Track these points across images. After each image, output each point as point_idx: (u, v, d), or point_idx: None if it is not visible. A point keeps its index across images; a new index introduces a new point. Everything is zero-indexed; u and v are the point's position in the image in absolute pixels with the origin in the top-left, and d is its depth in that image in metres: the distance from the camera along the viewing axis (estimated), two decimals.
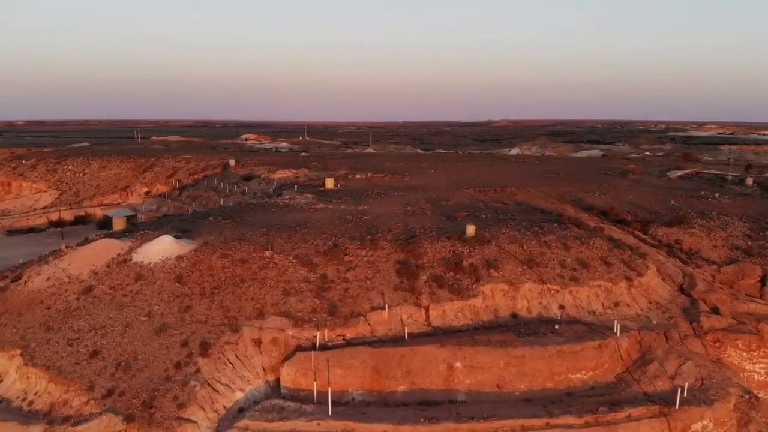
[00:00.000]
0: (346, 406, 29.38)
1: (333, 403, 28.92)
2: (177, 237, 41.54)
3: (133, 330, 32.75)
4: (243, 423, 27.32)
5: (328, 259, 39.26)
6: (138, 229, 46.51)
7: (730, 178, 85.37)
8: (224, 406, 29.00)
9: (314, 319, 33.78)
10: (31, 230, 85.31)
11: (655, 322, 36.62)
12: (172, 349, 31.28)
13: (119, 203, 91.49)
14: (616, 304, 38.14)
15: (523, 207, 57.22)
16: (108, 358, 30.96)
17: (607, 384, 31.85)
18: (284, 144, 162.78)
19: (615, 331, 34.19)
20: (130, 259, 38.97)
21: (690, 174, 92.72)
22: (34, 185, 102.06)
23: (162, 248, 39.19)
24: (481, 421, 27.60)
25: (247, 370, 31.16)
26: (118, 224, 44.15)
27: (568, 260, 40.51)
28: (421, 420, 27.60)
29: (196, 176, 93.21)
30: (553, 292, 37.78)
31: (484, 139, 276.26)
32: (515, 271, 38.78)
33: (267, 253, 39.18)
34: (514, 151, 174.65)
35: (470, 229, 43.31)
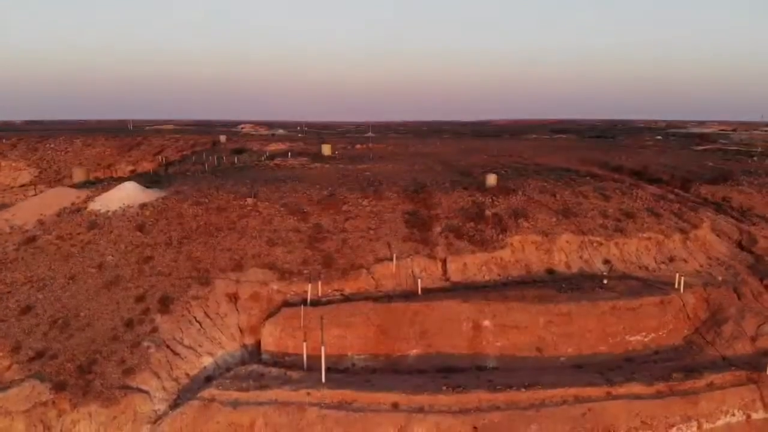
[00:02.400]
0: (344, 374, 22.86)
1: (328, 369, 22.38)
2: (146, 186, 35.06)
3: (77, 283, 26.25)
4: (208, 392, 20.76)
5: (322, 207, 32.77)
6: (102, 182, 40.02)
7: (759, 149, 79.08)
8: (187, 374, 22.46)
9: (305, 271, 27.29)
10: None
11: (720, 279, 30.11)
12: (123, 305, 24.76)
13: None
14: (671, 259, 31.61)
15: (546, 167, 50.68)
16: (42, 315, 24.46)
17: (674, 348, 25.35)
18: (281, 131, 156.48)
19: (676, 286, 27.71)
20: (86, 208, 32.47)
21: (713, 149, 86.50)
22: (13, 164, 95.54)
23: (124, 195, 32.71)
24: (523, 390, 21.05)
25: (218, 330, 24.63)
26: (79, 175, 37.87)
27: (610, 210, 34.03)
28: (443, 389, 21.06)
29: (184, 153, 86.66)
30: (595, 244, 31.27)
31: (486, 135, 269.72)
32: (548, 221, 32.27)
33: (249, 200, 32.70)
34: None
35: (491, 179, 36.92)
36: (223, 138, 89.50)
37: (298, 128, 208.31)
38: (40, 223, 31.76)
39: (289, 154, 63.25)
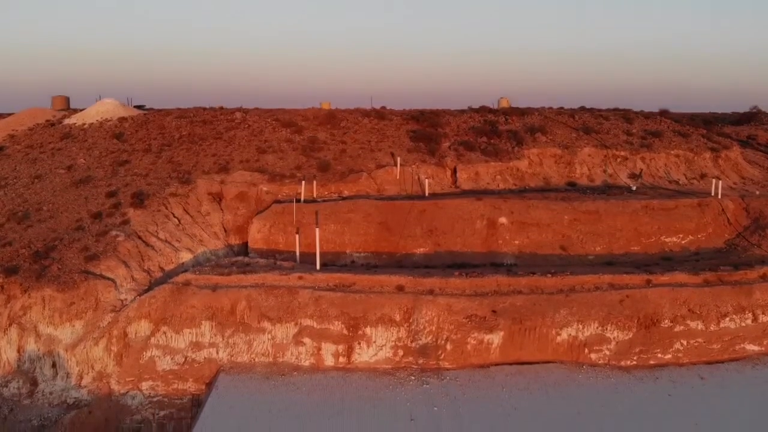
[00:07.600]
0: (342, 268, 19.96)
1: (324, 265, 19.51)
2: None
3: (43, 182, 23.44)
4: (182, 277, 17.91)
5: (318, 123, 29.95)
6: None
7: None
8: (161, 267, 19.55)
9: (298, 174, 24.43)
10: None
11: (758, 193, 27.22)
12: (93, 200, 21.91)
13: None
14: (702, 176, 28.76)
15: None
16: (1, 210, 21.62)
17: (716, 250, 22.44)
18: None
19: (713, 193, 24.86)
20: (60, 122, 29.71)
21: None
22: None
23: (103, 110, 29.96)
24: (548, 276, 18.15)
25: (200, 227, 21.75)
26: (58, 103, 34.95)
27: (634, 130, 31.21)
28: (455, 274, 18.18)
29: None
30: (620, 159, 28.43)
31: None
32: (569, 136, 29.48)
33: (238, 114, 29.94)
34: None
35: (503, 101, 34.10)
36: None
37: None
38: (10, 137, 29.00)
39: None
